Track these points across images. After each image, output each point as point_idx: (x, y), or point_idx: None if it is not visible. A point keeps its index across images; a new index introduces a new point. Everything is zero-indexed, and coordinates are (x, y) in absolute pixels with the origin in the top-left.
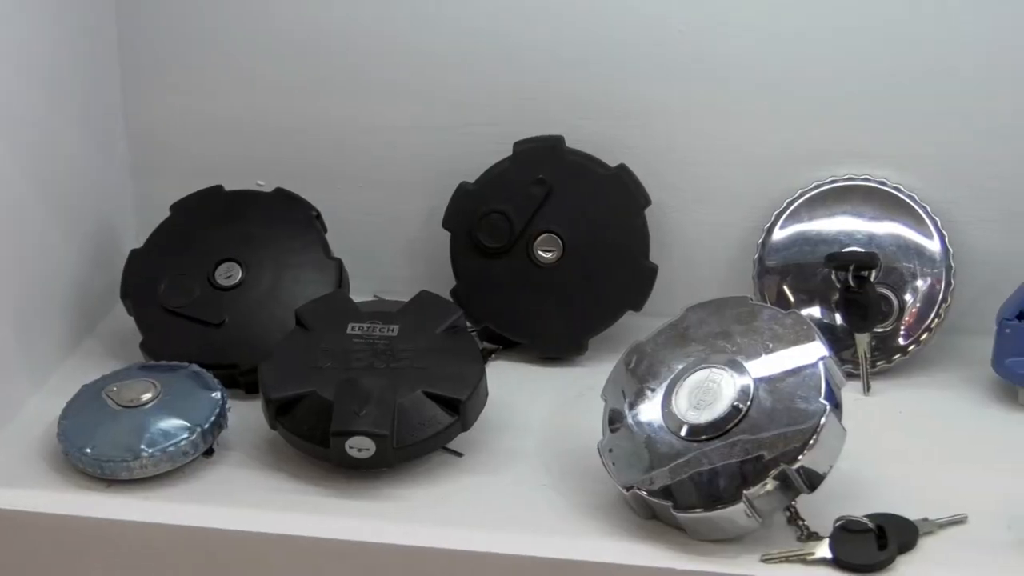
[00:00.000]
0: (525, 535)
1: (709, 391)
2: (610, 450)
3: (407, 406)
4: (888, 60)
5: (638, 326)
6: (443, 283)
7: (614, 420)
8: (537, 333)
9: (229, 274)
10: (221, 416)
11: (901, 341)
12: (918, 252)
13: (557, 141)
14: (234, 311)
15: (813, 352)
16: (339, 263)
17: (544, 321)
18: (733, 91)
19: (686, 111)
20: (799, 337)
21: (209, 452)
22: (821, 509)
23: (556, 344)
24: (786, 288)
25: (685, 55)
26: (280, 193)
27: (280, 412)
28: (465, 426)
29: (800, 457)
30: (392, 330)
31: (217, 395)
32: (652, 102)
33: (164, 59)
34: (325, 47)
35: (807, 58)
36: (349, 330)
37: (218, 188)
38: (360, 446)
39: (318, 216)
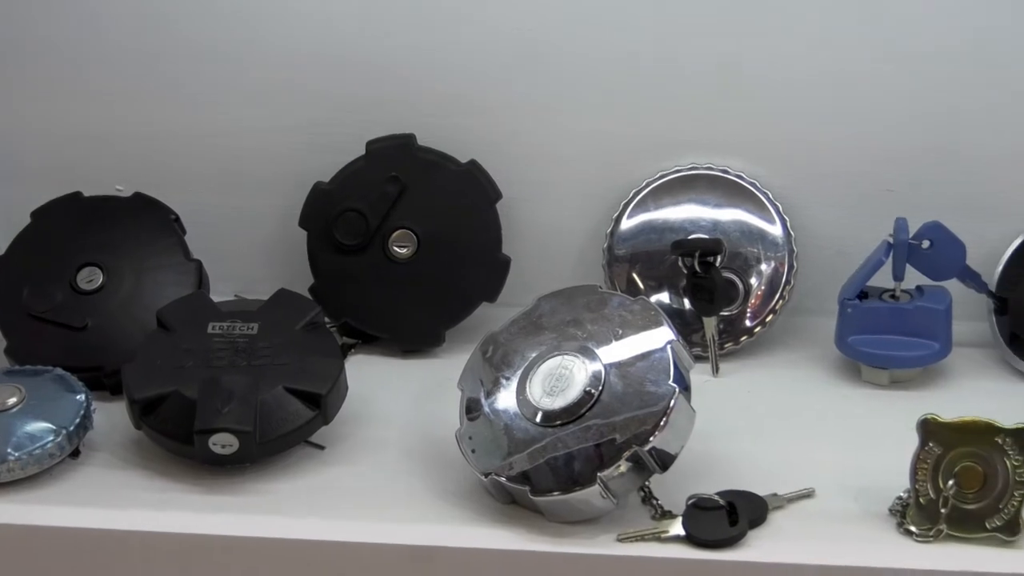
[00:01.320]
0: (387, 524)
1: (562, 378)
2: (469, 437)
3: (269, 402)
4: (726, 54)
5: (493, 317)
6: (302, 281)
7: (472, 409)
8: (395, 327)
9: (91, 278)
10: (86, 418)
11: (747, 323)
12: (761, 237)
13: (408, 139)
14: (97, 314)
15: (661, 337)
16: (199, 264)
17: (402, 315)
18: (579, 87)
19: (534, 107)
20: (647, 322)
21: (76, 454)
22: (674, 488)
23: (414, 337)
24: (635, 275)
25: (532, 53)
26: (139, 198)
27: (144, 412)
28: (326, 420)
29: (652, 439)
30: (252, 328)
31: (82, 397)
32: (500, 99)
33: (17, 68)
34: (174, 54)
35: (651, 54)
36: (210, 330)
37: (77, 194)
38: (224, 443)
39: (177, 219)
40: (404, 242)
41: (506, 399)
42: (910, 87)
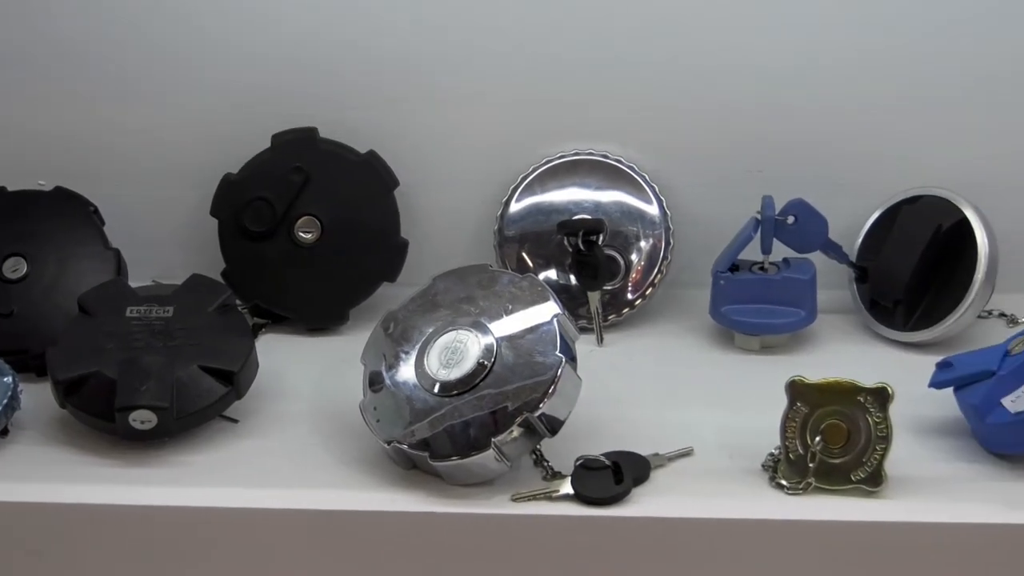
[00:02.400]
0: (298, 490)
1: (457, 351)
2: (374, 408)
3: (184, 380)
4: (602, 48)
5: (393, 295)
6: (214, 266)
7: (375, 381)
8: (302, 307)
9: (15, 268)
10: (14, 399)
11: (629, 296)
12: (640, 216)
13: (311, 132)
14: (22, 302)
15: (548, 311)
16: (117, 253)
17: (308, 296)
18: (469, 81)
19: (428, 101)
20: (535, 298)
21: (4, 432)
22: (563, 450)
23: (320, 316)
24: (524, 254)
25: (425, 51)
26: (60, 191)
27: (68, 392)
28: (239, 395)
29: (541, 405)
30: (168, 311)
31: (9, 379)
32: (396, 94)
33: None
34: (92, 55)
35: (534, 50)
36: (128, 313)
37: (1, 189)
38: (143, 419)
39: (96, 211)
40: (309, 228)
41: (406, 372)
42: (774, 76)
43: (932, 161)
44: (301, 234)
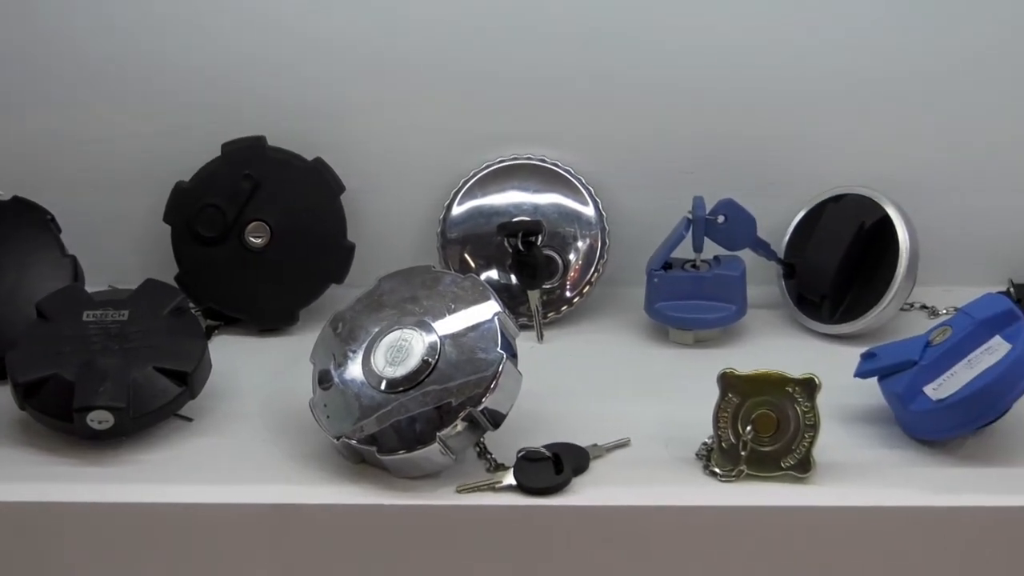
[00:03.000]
0: (251, 485)
1: (402, 349)
2: (324, 405)
3: (140, 380)
4: (542, 57)
5: (340, 296)
6: (168, 271)
7: (324, 380)
8: (253, 309)
9: None
10: None
11: (567, 294)
12: (577, 218)
13: (260, 140)
14: None
15: (489, 309)
16: (74, 259)
17: (259, 298)
18: (411, 91)
19: (372, 110)
20: (476, 297)
21: None
22: (505, 443)
23: (270, 317)
24: (467, 255)
25: (368, 62)
26: (17, 201)
27: (27, 394)
28: (193, 394)
29: (484, 400)
30: (123, 315)
31: None
32: (342, 103)
33: None
34: (48, 65)
35: (473, 60)
36: (85, 317)
37: None
38: (100, 419)
39: (52, 219)
40: (258, 233)
41: (354, 370)
42: (703, 82)
43: (855, 161)
44: (251, 239)
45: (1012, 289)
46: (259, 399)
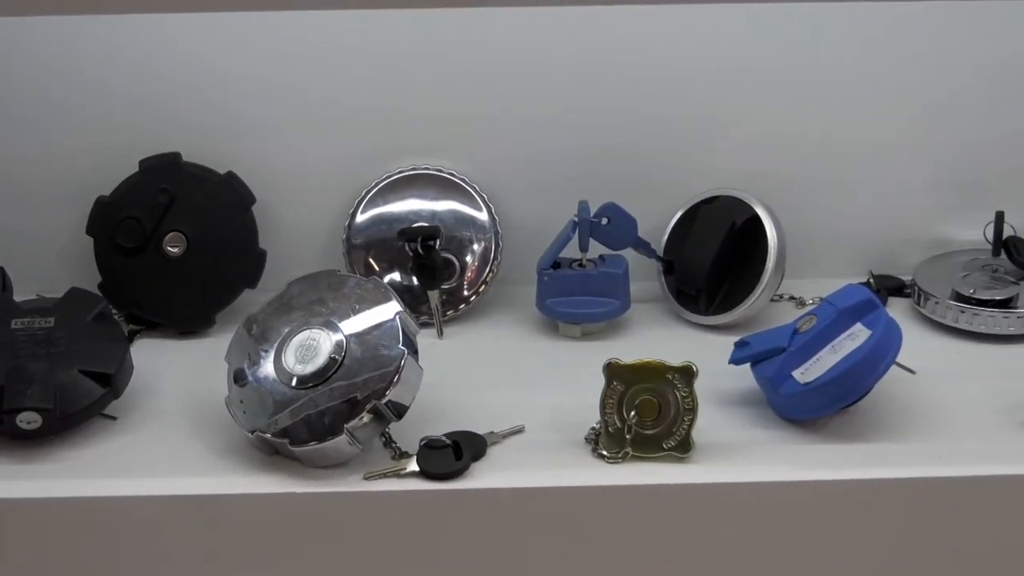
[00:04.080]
0: (172, 479)
1: (311, 348)
2: (240, 401)
3: (66, 383)
4: (437, 74)
5: (253, 300)
6: (92, 280)
7: (239, 378)
8: (172, 313)
9: None
10: None
11: (465, 293)
12: (472, 222)
13: (175, 157)
14: None
15: (391, 309)
16: (2, 270)
17: (177, 303)
18: (316, 107)
19: (280, 126)
20: (379, 298)
21: None
22: (409, 432)
23: (188, 320)
24: (371, 259)
25: (275, 83)
26: None
27: None
28: (116, 394)
29: (387, 393)
30: (49, 322)
31: None
32: (252, 121)
33: None
34: None
35: (372, 77)
36: (13, 325)
37: None
38: (29, 420)
39: None
40: (175, 243)
41: (267, 368)
42: (587, 95)
43: (726, 166)
44: (169, 248)
45: (872, 280)
46: (179, 397)
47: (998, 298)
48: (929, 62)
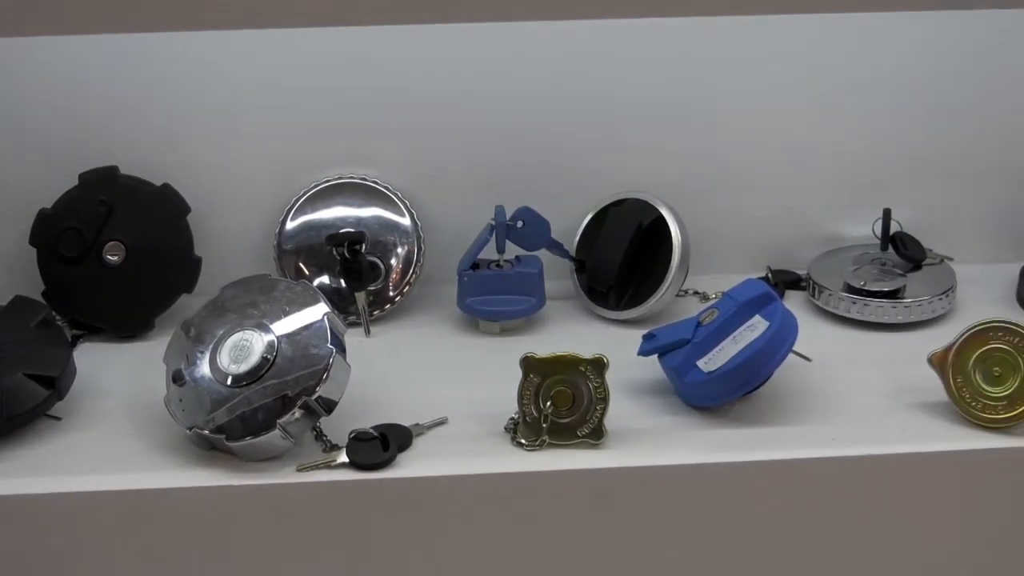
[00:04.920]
0: (115, 475)
1: (244, 348)
2: (179, 400)
3: (11, 386)
4: (361, 88)
5: (190, 304)
6: (36, 288)
7: (177, 378)
8: (113, 318)
9: None
10: None
11: (390, 294)
12: (395, 227)
13: (113, 170)
14: None
15: (319, 311)
16: None
17: (117, 308)
18: (246, 122)
19: (213, 138)
20: (308, 300)
21: None
22: (338, 426)
23: (128, 325)
24: (301, 264)
25: (206, 99)
26: None
27: None
28: (60, 396)
29: (317, 390)
30: None
31: None
32: (186, 133)
33: None
34: None
35: (298, 90)
36: None
37: None
38: None
39: None
40: (115, 251)
41: (203, 368)
42: (501, 107)
43: (633, 170)
44: (108, 257)
45: (770, 275)
46: (120, 398)
47: (886, 289)
48: (818, 72)
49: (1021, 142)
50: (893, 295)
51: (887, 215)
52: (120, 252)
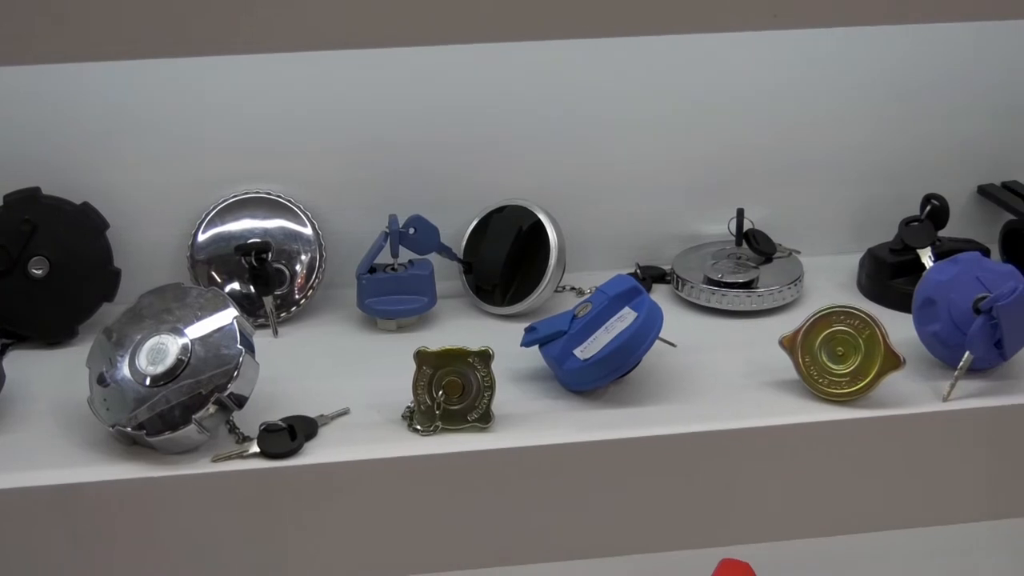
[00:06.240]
0: (44, 471)
1: (160, 351)
2: (103, 400)
3: None
4: (266, 107)
5: (111, 312)
6: None
7: (101, 380)
8: (39, 327)
9: None
10: None
11: (295, 297)
12: (298, 237)
13: (35, 191)
14: None
15: (229, 315)
16: None
17: (43, 318)
18: (158, 143)
19: (128, 159)
20: (218, 305)
21: None
22: (250, 419)
23: (55, 333)
24: (213, 273)
25: (122, 122)
26: None
27: None
28: None
29: (229, 387)
30: None
31: None
32: (102, 156)
33: None
34: None
35: (208, 114)
36: None
37: None
38: None
39: None
40: (39, 265)
41: (124, 370)
42: (391, 124)
43: (514, 179)
44: (34, 271)
45: (638, 270)
46: (48, 400)
47: (741, 280)
48: (679, 88)
49: (860, 147)
50: (747, 286)
51: (740, 214)
52: (44, 266)
